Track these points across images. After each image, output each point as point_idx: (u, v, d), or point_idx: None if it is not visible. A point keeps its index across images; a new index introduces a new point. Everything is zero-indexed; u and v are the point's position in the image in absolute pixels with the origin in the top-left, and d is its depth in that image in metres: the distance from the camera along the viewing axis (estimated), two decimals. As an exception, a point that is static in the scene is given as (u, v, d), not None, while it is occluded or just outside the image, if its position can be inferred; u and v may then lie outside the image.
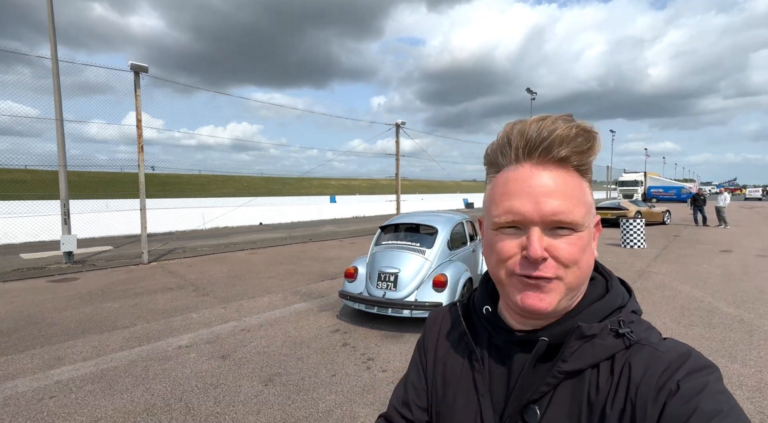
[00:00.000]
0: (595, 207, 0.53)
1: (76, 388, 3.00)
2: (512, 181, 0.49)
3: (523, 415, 0.51)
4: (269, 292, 6.01)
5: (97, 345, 3.88)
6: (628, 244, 10.02)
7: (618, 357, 0.48)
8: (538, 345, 0.51)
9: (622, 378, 0.46)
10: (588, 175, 0.51)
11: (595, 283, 0.55)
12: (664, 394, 0.43)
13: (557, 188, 0.48)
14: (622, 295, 0.54)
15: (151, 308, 5.14)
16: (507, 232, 0.50)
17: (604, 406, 0.46)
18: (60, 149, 8.15)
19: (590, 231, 0.51)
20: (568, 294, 0.49)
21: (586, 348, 0.49)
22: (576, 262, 0.48)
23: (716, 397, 0.41)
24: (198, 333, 4.22)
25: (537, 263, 0.47)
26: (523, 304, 0.49)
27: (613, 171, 48.41)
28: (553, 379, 0.49)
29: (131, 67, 7.87)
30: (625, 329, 0.48)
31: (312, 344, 3.89)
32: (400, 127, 15.34)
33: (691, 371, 0.43)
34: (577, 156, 0.48)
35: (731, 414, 0.40)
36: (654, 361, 0.46)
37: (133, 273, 7.45)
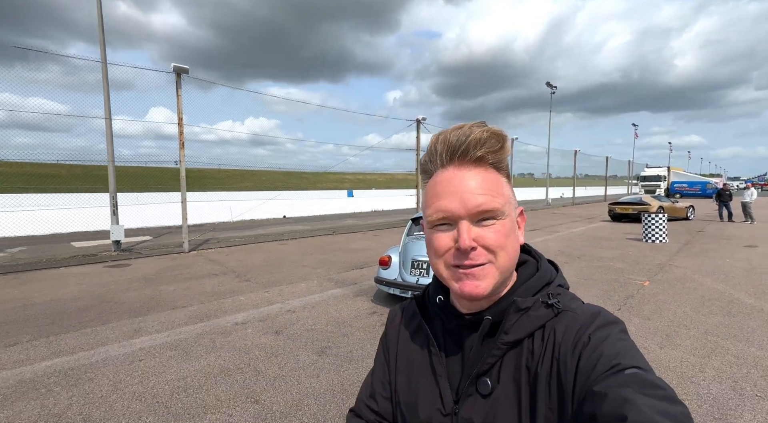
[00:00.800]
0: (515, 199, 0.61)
1: (158, 354, 3.49)
2: (440, 184, 0.56)
3: (477, 388, 0.57)
4: (305, 279, 6.47)
5: (164, 320, 4.39)
6: (649, 238, 10.08)
7: (548, 325, 0.56)
8: (483, 323, 0.58)
9: (549, 341, 0.54)
10: (504, 171, 0.58)
11: (528, 264, 0.63)
12: (580, 346, 0.50)
13: (477, 184, 0.54)
14: (551, 273, 0.62)
15: (201, 291, 5.67)
16: (441, 228, 0.56)
17: (537, 367, 0.54)
18: (108, 146, 8.79)
19: (512, 219, 0.58)
20: (500, 277, 0.56)
21: (523, 319, 0.56)
22: (503, 247, 0.54)
23: (616, 344, 0.49)
24: (249, 312, 4.69)
25: (468, 252, 0.53)
26: (462, 292, 0.55)
27: (634, 166, 47.27)
28: (497, 350, 0.56)
29: (174, 69, 8.41)
30: (553, 300, 0.56)
31: (353, 323, 4.30)
32: (421, 123, 15.58)
33: (599, 326, 0.52)
34: (491, 155, 0.55)
35: (627, 353, 0.47)
36: (572, 323, 0.54)
37: (177, 260, 8.04)
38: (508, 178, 0.59)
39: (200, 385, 2.96)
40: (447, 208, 0.54)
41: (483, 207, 0.53)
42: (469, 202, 0.53)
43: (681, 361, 3.33)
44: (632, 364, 0.46)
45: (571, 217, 18.10)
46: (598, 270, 6.91)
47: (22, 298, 5.32)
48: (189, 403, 2.72)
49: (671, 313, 4.58)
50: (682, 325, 4.16)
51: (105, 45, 8.57)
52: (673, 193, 37.76)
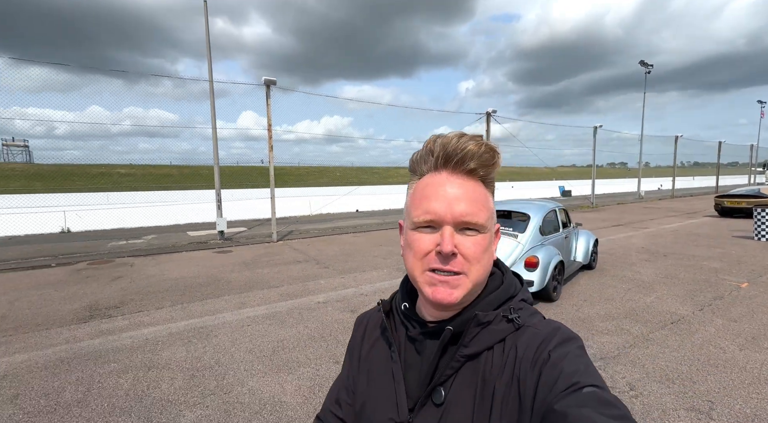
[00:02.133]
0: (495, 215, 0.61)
1: (261, 322, 4.36)
2: (430, 186, 0.57)
3: (432, 397, 0.58)
4: (376, 268, 7.10)
5: (262, 297, 5.34)
6: (762, 236, 8.77)
7: (508, 339, 0.56)
8: (444, 333, 0.58)
9: (509, 356, 0.55)
10: (490, 187, 0.60)
11: (494, 277, 0.63)
12: (540, 363, 0.51)
13: (467, 194, 0.56)
14: (515, 286, 0.63)
15: (289, 275, 6.62)
16: (424, 230, 0.57)
17: (495, 381, 0.54)
18: (215, 150, 10.43)
19: (491, 235, 0.59)
20: (472, 288, 0.57)
21: (483, 334, 0.57)
22: (479, 260, 0.56)
23: (575, 361, 0.50)
24: (328, 294, 5.44)
25: (448, 258, 0.54)
26: (433, 298, 0.56)
27: (761, 151, 39.58)
28: (456, 362, 0.57)
29: (264, 82, 9.65)
30: (514, 315, 0.57)
31: (418, 308, 4.76)
32: (491, 116, 15.30)
33: (559, 342, 0.52)
34: (483, 168, 0.57)
35: (586, 371, 0.48)
36: (533, 339, 0.54)
37: (268, 249, 9.32)
38: (493, 194, 0.61)
39: (294, 346, 3.69)
40: (435, 211, 0.55)
41: (468, 217, 0.55)
42: (456, 209, 0.55)
43: (762, 363, 3.16)
44: (590, 382, 0.47)
45: (667, 211, 16.20)
46: (687, 269, 6.37)
47: (160, 274, 6.79)
48: (286, 358, 3.45)
49: (766, 317, 4.19)
50: (775, 330, 3.82)
51: (212, 67, 10.16)
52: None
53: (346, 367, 0.75)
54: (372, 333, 0.72)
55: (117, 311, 4.81)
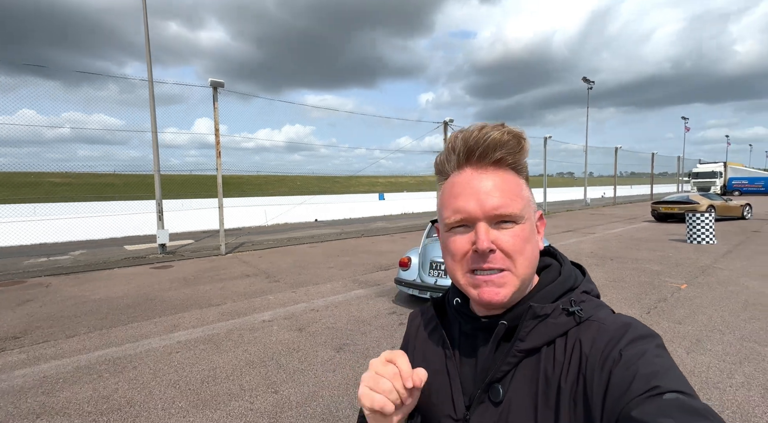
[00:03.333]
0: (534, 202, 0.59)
1: (193, 347, 3.83)
2: (457, 185, 0.55)
3: (489, 394, 0.55)
4: (331, 280, 6.71)
5: (199, 317, 4.77)
6: (694, 239, 9.44)
7: (571, 333, 0.52)
8: (498, 328, 0.56)
9: (575, 352, 0.51)
10: (523, 173, 0.57)
11: (550, 269, 0.60)
12: (610, 363, 0.46)
13: (495, 186, 0.53)
14: (575, 277, 0.59)
15: (234, 291, 6.06)
16: (458, 231, 0.55)
17: (560, 380, 0.50)
18: (155, 157, 9.57)
19: (532, 223, 0.56)
20: (520, 284, 0.54)
21: (541, 327, 0.53)
22: (521, 252, 0.53)
23: (654, 361, 0.44)
24: (276, 311, 4.98)
25: (486, 255, 0.52)
26: (480, 299, 0.54)
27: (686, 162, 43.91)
28: (513, 358, 0.54)
29: (211, 84, 9.03)
30: (576, 308, 0.53)
31: (373, 322, 4.45)
32: (448, 125, 15.53)
33: (632, 340, 0.47)
34: (510, 156, 0.54)
35: (668, 373, 0.43)
36: (600, 334, 0.50)
37: (214, 262, 8.60)
38: (527, 181, 0.58)
39: (227, 375, 3.23)
40: (464, 208, 0.53)
41: (501, 210, 0.52)
42: (486, 203, 0.52)
43: (708, 366, 3.18)
44: (674, 387, 0.41)
45: (611, 217, 17.23)
46: (632, 272, 6.60)
47: (81, 295, 5.95)
48: (217, 390, 2.98)
49: (706, 317, 4.33)
50: (716, 330, 3.93)
51: (151, 67, 9.37)
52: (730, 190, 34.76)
53: None
54: (425, 328, 0.70)
55: (15, 343, 4.05)
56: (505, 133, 0.53)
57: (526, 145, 0.55)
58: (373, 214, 23.53)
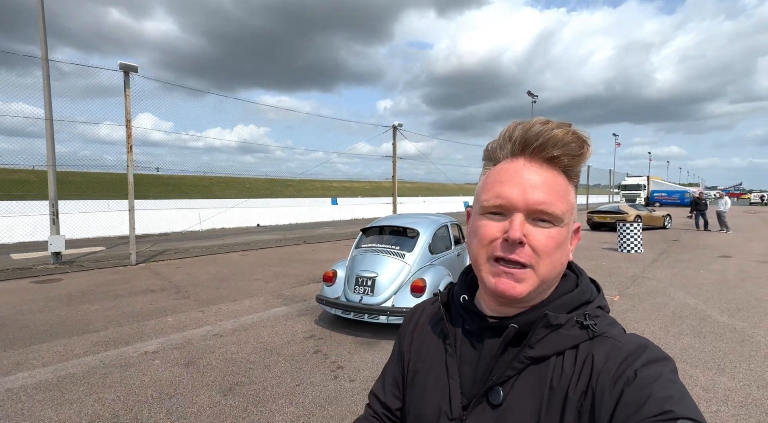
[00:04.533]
0: (576, 212, 0.57)
1: (26, 397, 2.88)
2: (505, 171, 0.54)
3: (488, 396, 0.54)
4: (252, 295, 5.89)
5: (61, 350, 3.77)
6: (624, 248, 9.81)
7: (582, 347, 0.51)
8: (508, 330, 0.54)
9: (585, 366, 0.49)
10: (575, 180, 0.56)
11: (567, 278, 0.59)
12: (622, 381, 0.45)
13: (545, 182, 0.52)
14: (591, 292, 0.58)
15: (127, 311, 5.04)
16: (492, 217, 0.53)
17: (567, 390, 0.49)
18: (49, 149, 8.11)
19: (569, 230, 0.54)
20: (539, 285, 0.52)
21: (552, 336, 0.52)
22: (549, 255, 0.51)
23: (669, 385, 0.44)
24: (168, 338, 4.10)
25: (515, 246, 0.50)
26: (496, 288, 0.52)
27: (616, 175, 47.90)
28: (519, 363, 0.52)
29: (120, 67, 7.82)
30: (590, 322, 0.52)
31: (283, 351, 3.76)
32: (398, 129, 15.23)
33: (647, 362, 0.47)
34: (567, 158, 0.52)
35: (681, 400, 0.42)
36: (615, 352, 0.49)
37: (119, 274, 7.37)
38: (576, 188, 0.57)
39: (56, 440, 2.38)
40: (507, 195, 0.52)
41: (543, 206, 0.51)
42: (531, 196, 0.51)
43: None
44: (687, 414, 0.41)
45: (551, 225, 17.92)
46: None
47: None
48: (27, 469, 2.14)
49: (638, 333, 4.17)
50: (649, 350, 3.75)
51: (46, 40, 7.94)
52: (652, 201, 38.25)
53: (395, 354, 0.72)
54: (428, 322, 0.69)
55: None
56: (570, 133, 0.52)
57: (587, 151, 0.53)
58: (322, 220, 22.65)
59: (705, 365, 3.41)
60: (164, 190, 51.80)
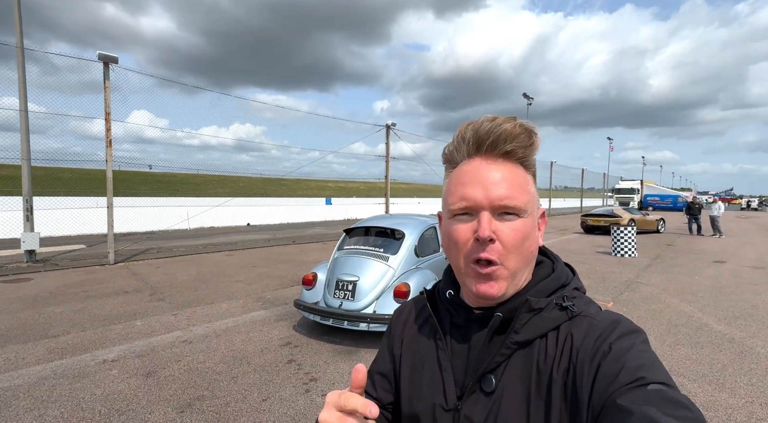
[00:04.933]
0: (538, 200, 0.59)
1: (-40, 412, 2.60)
2: (465, 173, 0.55)
3: (481, 385, 0.55)
4: (231, 297, 5.62)
5: (12, 358, 3.47)
6: (618, 252, 9.65)
7: (562, 327, 0.54)
8: (493, 319, 0.56)
9: (566, 345, 0.52)
10: (531, 170, 0.57)
11: (543, 265, 0.61)
12: (599, 355, 0.48)
13: (503, 177, 0.53)
14: (566, 275, 0.60)
15: (94, 314, 4.74)
16: (461, 218, 0.55)
17: (551, 371, 0.51)
18: (24, 142, 7.76)
19: (534, 219, 0.56)
20: (513, 279, 0.55)
21: (535, 320, 0.54)
22: (517, 247, 0.53)
23: (640, 355, 0.46)
24: (133, 344, 3.82)
25: (485, 244, 0.52)
26: (477, 291, 0.54)
27: (610, 179, 48.02)
28: (507, 349, 0.54)
29: (99, 58, 7.50)
30: (568, 303, 0.54)
31: (254, 360, 3.49)
32: (391, 129, 15.00)
33: (621, 335, 0.49)
34: (521, 150, 0.54)
35: (652, 367, 0.45)
36: (591, 329, 0.51)
37: (94, 274, 7.04)
38: (534, 177, 0.58)
39: (-20, 466, 2.10)
40: (471, 196, 0.54)
41: (506, 201, 0.53)
42: (492, 192, 0.53)
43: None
44: (658, 378, 0.43)
45: (545, 228, 17.78)
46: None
47: None
48: None
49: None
50: (644, 362, 3.54)
51: (21, 27, 7.60)
52: (646, 205, 38.37)
53: (384, 352, 0.72)
54: (416, 320, 0.70)
55: None
56: (517, 126, 0.53)
57: (537, 140, 0.55)
58: (315, 220, 22.35)
59: (704, 379, 3.20)
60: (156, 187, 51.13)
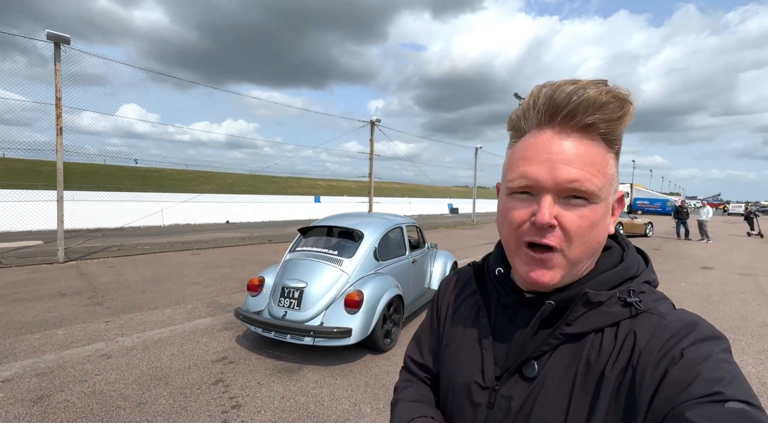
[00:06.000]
0: (617, 181, 0.52)
1: None
2: (531, 147, 0.49)
3: (522, 369, 0.53)
4: (180, 302, 5.09)
5: None
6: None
7: (623, 324, 0.49)
8: (544, 307, 0.52)
9: (626, 344, 0.47)
10: (616, 146, 0.50)
11: (611, 252, 0.55)
12: (667, 360, 0.43)
13: (577, 156, 0.47)
14: (637, 266, 0.54)
15: (16, 320, 4.18)
16: (519, 197, 0.50)
17: (604, 368, 0.47)
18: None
19: (607, 205, 0.50)
20: (571, 269, 0.50)
21: (592, 314, 0.49)
22: (582, 236, 0.48)
23: (720, 366, 0.41)
24: (40, 359, 3.28)
25: (543, 230, 0.48)
26: (528, 277, 0.50)
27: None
28: (554, 340, 0.51)
29: (48, 37, 6.88)
30: (634, 299, 0.49)
31: (175, 380, 2.99)
32: (375, 125, 14.52)
33: (697, 340, 0.44)
34: (605, 124, 0.47)
35: (734, 382, 0.39)
36: (660, 330, 0.46)
37: (37, 273, 6.44)
38: (617, 155, 0.51)
39: None
40: (533, 175, 0.48)
41: (576, 184, 0.46)
42: (561, 174, 0.47)
43: None
44: (739, 396, 0.38)
45: (532, 230, 17.48)
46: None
47: None
48: None
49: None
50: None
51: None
52: (635, 209, 38.52)
53: (429, 324, 0.71)
54: (461, 293, 0.68)
55: None
56: (605, 92, 0.46)
57: (629, 110, 0.47)
58: (300, 218, 21.80)
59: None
60: (140, 182, 49.93)
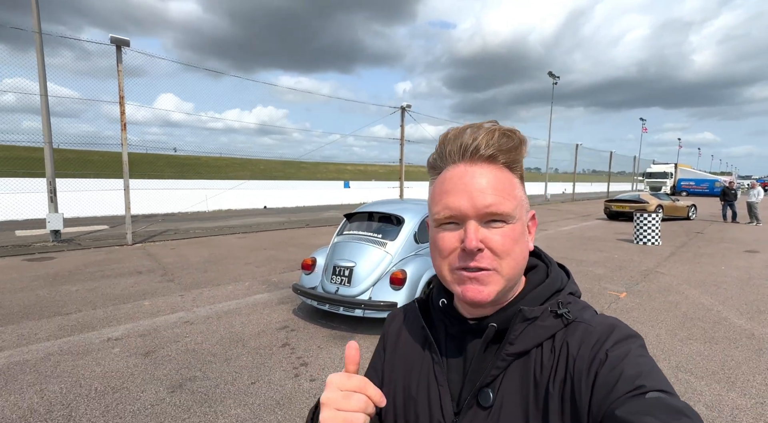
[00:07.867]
0: (527, 203, 0.57)
1: (-30, 384, 2.76)
2: (449, 180, 0.53)
3: (478, 399, 0.53)
4: (238, 279, 5.72)
5: (25, 333, 3.66)
6: (640, 240, 9.21)
7: (558, 335, 0.52)
8: (488, 330, 0.54)
9: (561, 354, 0.50)
10: (518, 172, 0.55)
11: (537, 270, 0.59)
12: (596, 363, 0.47)
13: (488, 183, 0.51)
14: (561, 279, 0.58)
15: (106, 293, 4.94)
16: (447, 227, 0.53)
17: (548, 383, 0.50)
18: (45, 126, 8.03)
19: (523, 224, 0.54)
20: (506, 284, 0.52)
21: (530, 330, 0.52)
22: (509, 253, 0.51)
23: (638, 361, 0.45)
24: (138, 324, 3.95)
25: (473, 254, 0.50)
26: (464, 296, 0.52)
27: (642, 162, 45.69)
28: (502, 361, 0.53)
29: (112, 41, 7.57)
30: (563, 310, 0.53)
31: (250, 343, 3.54)
32: (406, 111, 14.66)
33: (617, 341, 0.48)
34: (504, 154, 0.52)
35: (650, 374, 0.44)
36: (587, 336, 0.50)
37: (112, 254, 7.34)
38: (522, 180, 0.57)
39: (-20, 437, 2.22)
40: (455, 205, 0.52)
41: (492, 208, 0.51)
42: (478, 200, 0.51)
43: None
44: (656, 386, 0.42)
45: (566, 214, 17.19)
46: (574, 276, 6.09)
47: None
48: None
49: (642, 335, 3.76)
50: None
51: (39, 11, 7.74)
52: (679, 190, 36.43)
53: (376, 365, 0.69)
54: (409, 329, 0.67)
55: None
56: (498, 130, 0.52)
57: (520, 144, 0.54)
58: (332, 203, 22.48)
59: (713, 377, 3.00)
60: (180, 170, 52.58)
